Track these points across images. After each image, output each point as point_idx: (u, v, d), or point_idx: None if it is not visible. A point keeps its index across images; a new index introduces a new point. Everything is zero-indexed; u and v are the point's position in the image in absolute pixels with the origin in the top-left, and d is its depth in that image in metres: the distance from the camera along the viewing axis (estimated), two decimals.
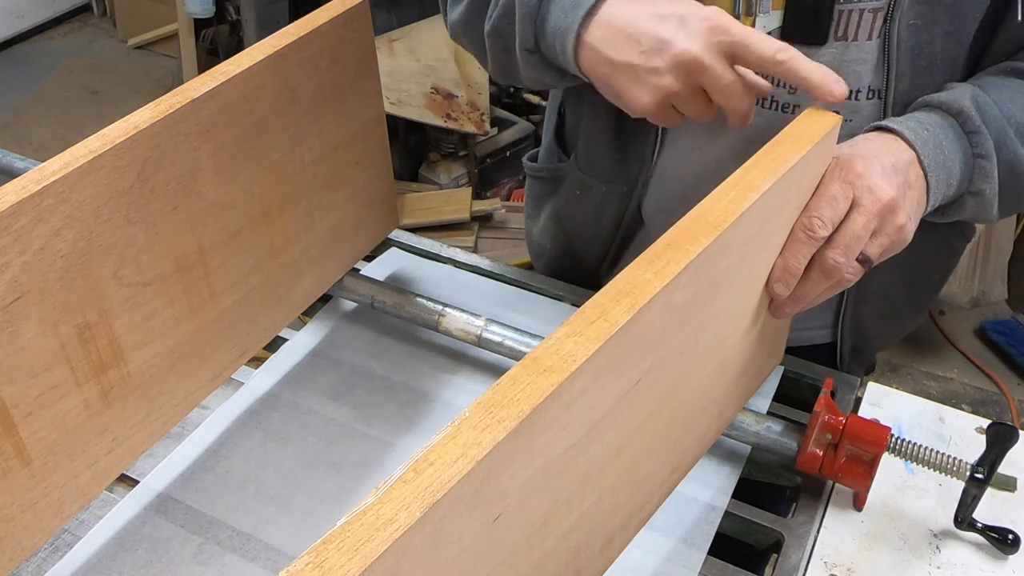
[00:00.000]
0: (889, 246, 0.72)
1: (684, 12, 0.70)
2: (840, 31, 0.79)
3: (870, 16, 0.77)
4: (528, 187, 1.11)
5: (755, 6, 0.79)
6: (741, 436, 0.80)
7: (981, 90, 0.77)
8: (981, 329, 2.61)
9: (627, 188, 0.93)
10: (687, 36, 0.69)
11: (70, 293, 0.64)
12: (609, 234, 0.98)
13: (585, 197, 0.98)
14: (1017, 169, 0.77)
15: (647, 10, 0.71)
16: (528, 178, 1.11)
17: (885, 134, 0.74)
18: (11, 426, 0.63)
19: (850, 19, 0.78)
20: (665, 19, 0.70)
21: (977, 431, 0.85)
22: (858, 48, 0.79)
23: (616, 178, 0.94)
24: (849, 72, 0.80)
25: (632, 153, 0.91)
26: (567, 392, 0.50)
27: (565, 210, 1.02)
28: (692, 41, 0.68)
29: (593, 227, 0.99)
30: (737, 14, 0.79)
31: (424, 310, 0.89)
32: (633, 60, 0.71)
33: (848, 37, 0.79)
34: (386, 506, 0.43)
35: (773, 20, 0.79)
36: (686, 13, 0.69)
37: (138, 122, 0.65)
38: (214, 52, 3.15)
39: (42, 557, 0.73)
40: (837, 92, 0.67)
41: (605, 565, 0.68)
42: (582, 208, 0.99)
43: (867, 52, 0.79)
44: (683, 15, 0.69)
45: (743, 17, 0.80)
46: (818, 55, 0.79)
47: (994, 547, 0.75)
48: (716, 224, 0.59)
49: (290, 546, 0.74)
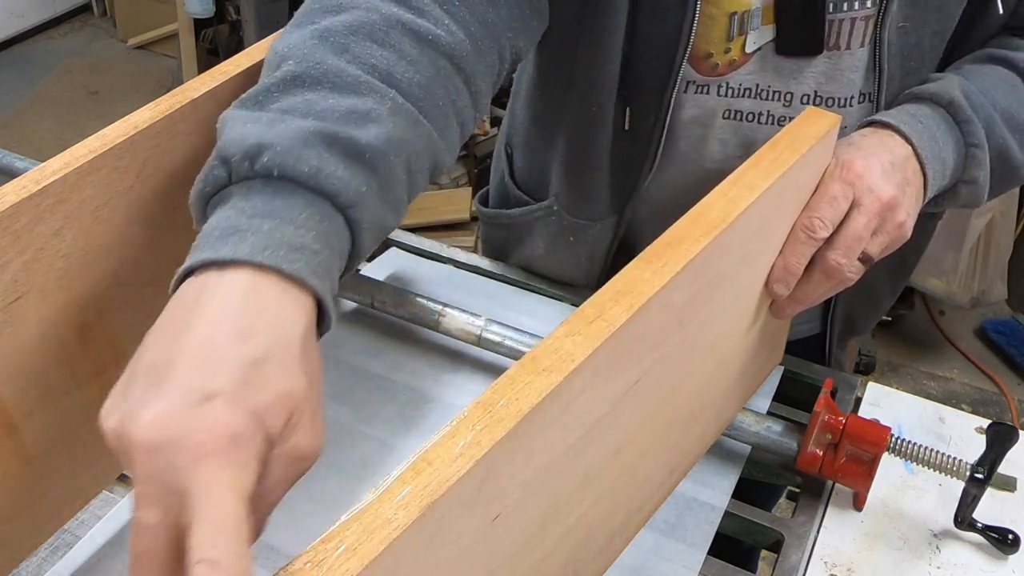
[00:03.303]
0: (889, 244, 0.72)
1: (240, 376, 0.44)
2: (832, 41, 0.78)
3: (861, 24, 0.77)
4: (486, 234, 1.04)
5: (747, 24, 0.78)
6: (741, 436, 0.80)
7: (965, 79, 0.77)
8: (981, 329, 2.61)
9: (618, 217, 0.90)
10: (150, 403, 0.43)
11: (70, 293, 0.64)
12: (601, 267, 0.94)
13: (579, 240, 0.93)
14: (1005, 155, 0.79)
15: (235, 325, 0.45)
16: (486, 225, 1.03)
17: (881, 130, 0.74)
18: (11, 426, 0.63)
19: (841, 28, 0.78)
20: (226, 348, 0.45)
21: (977, 431, 0.85)
22: (850, 56, 0.79)
23: (609, 213, 0.90)
24: (842, 80, 0.80)
25: (623, 185, 0.88)
26: (566, 392, 0.50)
27: (547, 257, 0.96)
28: (152, 409, 0.43)
29: (586, 267, 0.94)
30: (732, 36, 0.78)
31: (424, 310, 0.89)
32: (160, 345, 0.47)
33: (840, 46, 0.78)
34: (385, 506, 0.43)
35: (765, 34, 0.79)
36: (237, 379, 0.44)
37: (138, 122, 0.65)
38: (214, 52, 3.15)
39: (42, 557, 0.73)
40: None
41: (604, 565, 0.68)
42: (573, 252, 0.94)
43: (859, 59, 0.79)
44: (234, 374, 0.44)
45: (736, 36, 0.78)
46: (811, 66, 0.79)
47: (994, 547, 0.75)
48: (715, 223, 0.59)
49: (290, 546, 0.74)
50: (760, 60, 0.80)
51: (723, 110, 0.82)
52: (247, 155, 0.51)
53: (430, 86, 0.60)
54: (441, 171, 0.65)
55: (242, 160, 0.51)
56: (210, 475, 0.41)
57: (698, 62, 0.80)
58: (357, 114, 0.54)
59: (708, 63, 0.80)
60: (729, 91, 0.81)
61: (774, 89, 0.81)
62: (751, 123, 0.82)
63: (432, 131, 0.60)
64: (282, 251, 0.48)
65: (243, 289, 0.47)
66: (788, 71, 0.80)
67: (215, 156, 0.53)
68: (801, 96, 0.81)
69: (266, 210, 0.50)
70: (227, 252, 0.47)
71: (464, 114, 0.64)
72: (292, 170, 0.51)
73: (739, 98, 0.81)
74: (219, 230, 0.49)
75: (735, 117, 0.82)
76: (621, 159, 0.86)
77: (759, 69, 0.80)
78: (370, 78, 0.57)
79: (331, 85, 0.55)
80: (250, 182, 0.51)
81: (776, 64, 0.80)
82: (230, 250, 0.48)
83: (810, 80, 0.80)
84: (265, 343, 0.45)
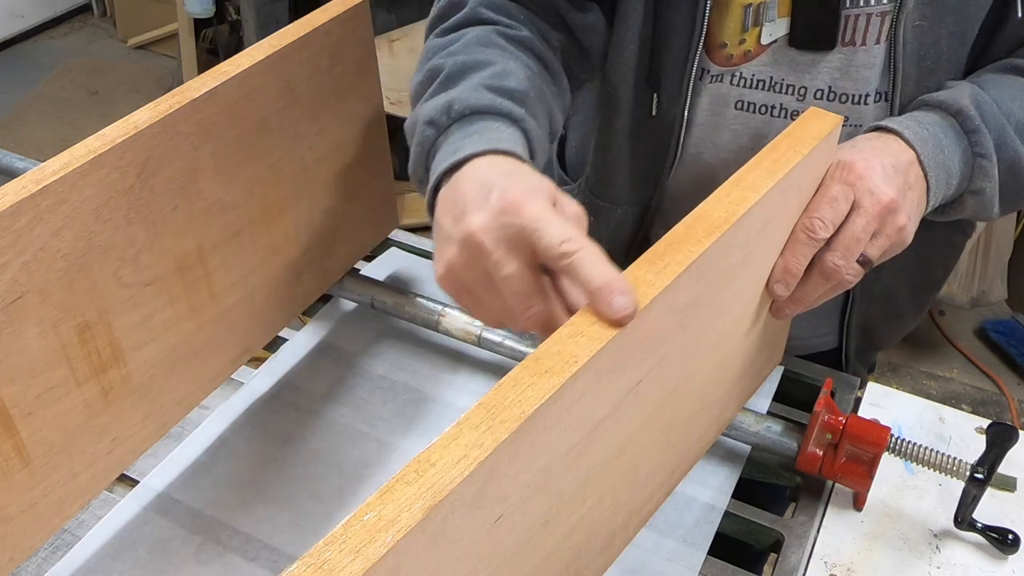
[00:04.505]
0: (889, 247, 0.72)
1: (502, 184, 0.59)
2: (847, 36, 0.78)
3: (877, 20, 0.77)
4: None
5: (762, 15, 0.79)
6: (741, 436, 0.80)
7: (980, 88, 0.77)
8: (981, 329, 2.61)
9: (640, 209, 0.93)
10: (480, 210, 0.59)
11: (70, 293, 0.64)
12: (622, 258, 0.96)
13: (601, 222, 0.95)
14: (1017, 167, 0.77)
15: (481, 176, 0.62)
16: None
17: (885, 134, 0.74)
18: (11, 426, 0.63)
19: (856, 24, 0.78)
20: (484, 187, 0.60)
21: (977, 431, 0.85)
22: (866, 52, 0.79)
23: (631, 200, 0.93)
24: (857, 76, 0.80)
25: (647, 174, 0.90)
26: (569, 393, 0.50)
27: None
28: (481, 216, 0.58)
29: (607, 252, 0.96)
30: (747, 27, 0.79)
31: (424, 310, 0.89)
32: (443, 225, 0.62)
33: (856, 42, 0.79)
34: (388, 507, 0.43)
35: (779, 27, 0.79)
36: (501, 185, 0.59)
37: (138, 122, 0.65)
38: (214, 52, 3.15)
39: (42, 557, 0.73)
40: (616, 306, 0.52)
41: (605, 565, 0.68)
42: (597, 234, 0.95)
43: (874, 56, 0.79)
44: (495, 187, 0.59)
45: (751, 27, 0.79)
46: (826, 61, 0.80)
47: (994, 547, 0.75)
48: (718, 225, 0.59)
49: (290, 546, 0.74)
50: (775, 53, 0.80)
51: (735, 101, 0.83)
52: (443, 111, 0.69)
53: (534, 76, 0.77)
54: (557, 132, 0.80)
55: (440, 115, 0.69)
56: (528, 207, 0.57)
57: (714, 52, 0.82)
58: (501, 75, 0.72)
59: (723, 53, 0.81)
60: (742, 81, 0.82)
61: (788, 83, 0.81)
62: (763, 115, 0.83)
63: (547, 93, 0.78)
64: (493, 143, 0.65)
65: (481, 165, 0.64)
66: (802, 65, 0.80)
67: (420, 126, 0.70)
68: (815, 91, 0.81)
69: (470, 131, 0.67)
70: (458, 158, 0.64)
71: (559, 98, 0.81)
72: (476, 106, 0.69)
73: (752, 89, 0.83)
74: (445, 156, 0.66)
75: (747, 109, 0.83)
76: (646, 145, 0.88)
77: (773, 62, 0.81)
78: (500, 58, 0.75)
79: (476, 66, 0.73)
80: (449, 129, 0.69)
81: (791, 57, 0.80)
82: (459, 156, 0.64)
83: (824, 75, 0.80)
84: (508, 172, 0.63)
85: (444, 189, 0.64)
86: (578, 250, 0.55)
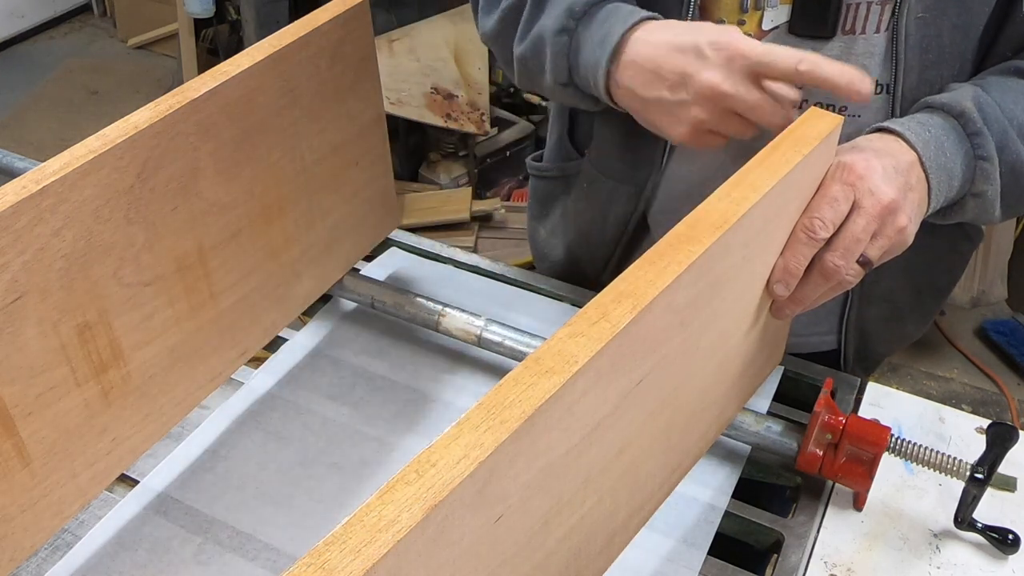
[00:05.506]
0: (890, 248, 0.71)
1: (701, 41, 0.71)
2: (847, 24, 0.79)
3: (877, 9, 0.77)
4: (533, 189, 1.10)
5: (763, 1, 0.79)
6: (741, 436, 0.80)
7: (983, 91, 0.77)
8: (981, 329, 2.61)
9: (635, 190, 0.93)
10: (706, 67, 0.71)
11: (70, 293, 0.64)
12: (614, 235, 0.97)
13: (592, 192, 0.97)
14: (1019, 171, 0.77)
15: (667, 43, 0.73)
16: (533, 179, 1.09)
17: (886, 135, 0.74)
18: (11, 426, 0.63)
19: (857, 12, 0.78)
20: (684, 51, 0.72)
21: (977, 431, 0.85)
22: (866, 41, 0.79)
23: (625, 178, 0.93)
24: (857, 65, 0.79)
25: (642, 157, 0.91)
26: (569, 393, 0.50)
27: (575, 205, 1.01)
28: (712, 71, 0.70)
29: (599, 225, 0.98)
30: (745, 8, 0.80)
31: (424, 310, 0.89)
32: (662, 95, 0.74)
33: (856, 30, 0.79)
34: (388, 507, 0.43)
35: (781, 14, 0.79)
36: (703, 41, 0.71)
37: (138, 122, 0.65)
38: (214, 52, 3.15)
39: (42, 557, 0.73)
40: (863, 91, 0.68)
41: (605, 565, 0.68)
42: (589, 204, 0.99)
43: (875, 45, 0.79)
44: (700, 44, 0.71)
45: (751, 11, 0.80)
46: (825, 49, 0.79)
47: (994, 547, 0.75)
48: (718, 224, 0.59)
49: (290, 546, 0.74)
50: (774, 40, 0.80)
51: None
52: (566, 16, 0.78)
53: None
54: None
55: (567, 20, 0.78)
56: (746, 47, 0.70)
57: None
58: None
59: None
60: None
61: None
62: None
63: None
64: (634, 16, 0.76)
65: (644, 36, 0.75)
66: None
67: (550, 38, 0.80)
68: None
69: (603, 18, 0.78)
70: (615, 39, 0.75)
71: None
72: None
73: None
74: (597, 44, 0.77)
75: None
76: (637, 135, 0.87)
77: None
78: None
79: None
80: (577, 29, 0.79)
81: (790, 45, 0.80)
82: (615, 38, 0.75)
83: None
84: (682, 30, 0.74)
85: (625, 71, 0.75)
86: (813, 62, 0.68)
